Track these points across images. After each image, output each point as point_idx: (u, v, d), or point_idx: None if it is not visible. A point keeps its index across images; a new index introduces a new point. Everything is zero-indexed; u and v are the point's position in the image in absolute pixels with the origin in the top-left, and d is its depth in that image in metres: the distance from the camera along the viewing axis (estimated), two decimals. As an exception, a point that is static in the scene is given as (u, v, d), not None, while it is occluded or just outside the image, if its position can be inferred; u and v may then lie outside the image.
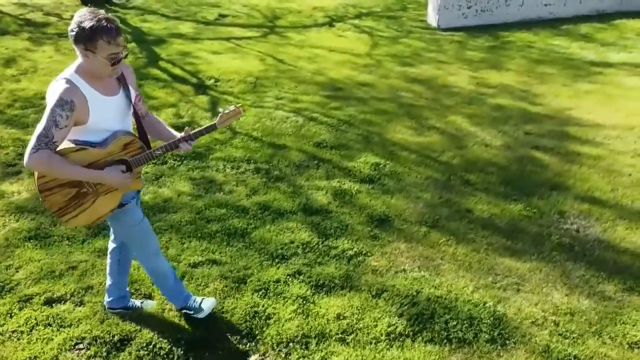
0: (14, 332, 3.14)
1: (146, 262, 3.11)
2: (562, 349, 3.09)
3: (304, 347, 3.08)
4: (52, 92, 2.50)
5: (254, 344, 3.11)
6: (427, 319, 3.29)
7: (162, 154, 2.80)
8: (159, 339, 3.09)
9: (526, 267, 3.78)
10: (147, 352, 3.02)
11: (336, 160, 5.19)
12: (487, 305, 3.41)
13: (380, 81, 7.41)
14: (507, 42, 9.29)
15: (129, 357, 2.99)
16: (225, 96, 6.71)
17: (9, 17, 10.17)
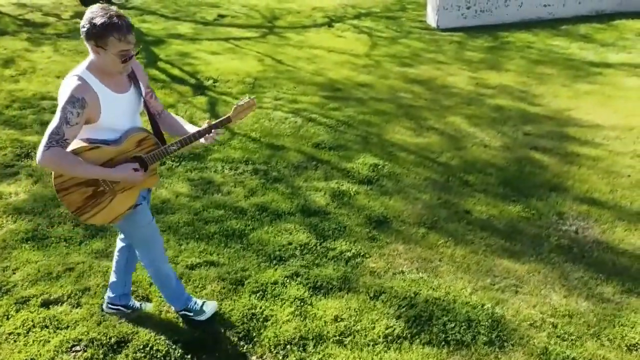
0: (10, 334, 3.13)
1: (150, 263, 3.08)
2: (560, 351, 3.09)
3: (301, 349, 3.07)
4: (64, 89, 2.48)
5: (251, 346, 3.10)
6: (425, 320, 3.28)
7: (177, 149, 2.75)
8: (156, 341, 3.08)
9: (525, 269, 3.77)
10: (144, 354, 3.01)
11: (335, 161, 5.18)
12: (485, 307, 3.40)
13: (379, 82, 7.41)
14: (507, 43, 9.28)
15: (125, 359, 2.98)
16: (223, 97, 6.71)
17: (7, 17, 10.17)
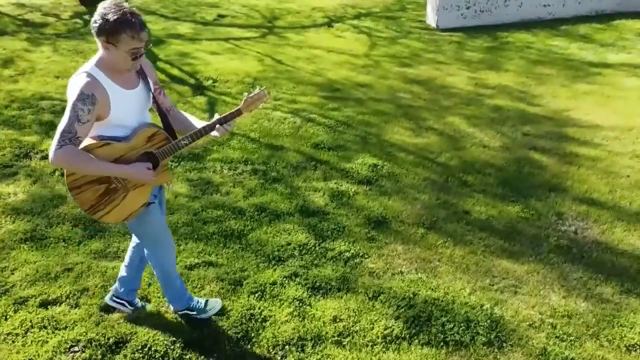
0: (8, 334, 3.12)
1: (158, 263, 3.08)
2: (559, 351, 3.08)
3: (300, 349, 3.07)
4: (73, 86, 2.47)
5: (249, 346, 3.09)
6: (423, 321, 3.28)
7: (188, 143, 2.74)
8: (154, 341, 3.08)
9: (524, 269, 3.77)
10: (142, 355, 3.00)
11: (334, 161, 5.18)
12: (484, 307, 3.40)
13: (378, 82, 7.40)
14: (506, 43, 9.28)
15: (124, 359, 2.98)
16: (223, 97, 6.70)
17: (7, 17, 10.16)
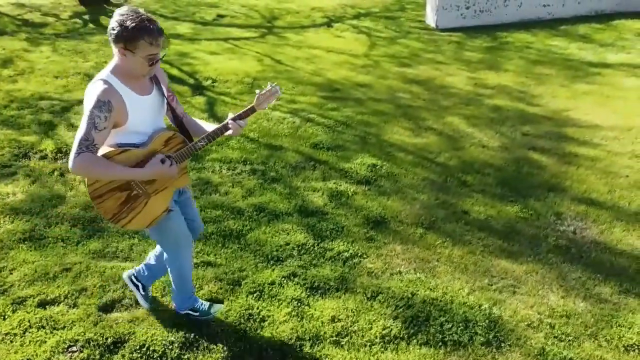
0: (7, 334, 3.12)
1: (177, 266, 3.08)
2: (557, 351, 3.08)
3: (298, 349, 3.07)
4: (90, 94, 2.49)
5: (248, 346, 3.09)
6: (422, 321, 3.28)
7: (205, 144, 2.79)
8: (152, 341, 3.08)
9: (522, 269, 3.77)
10: (140, 355, 3.00)
11: (333, 161, 5.18)
12: (482, 307, 3.39)
13: (378, 82, 7.40)
14: (506, 43, 9.28)
15: (122, 359, 2.98)
16: (222, 97, 6.70)
17: (6, 17, 10.16)
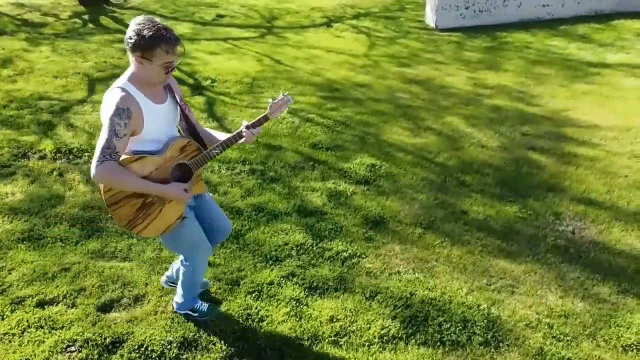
0: (5, 334, 3.12)
1: (190, 269, 3.08)
2: (555, 351, 3.08)
3: (296, 349, 3.07)
4: (108, 102, 2.52)
5: (246, 346, 3.09)
6: (420, 321, 3.28)
7: (220, 152, 2.81)
8: (150, 341, 3.08)
9: (521, 269, 3.77)
10: (138, 355, 3.00)
11: (332, 161, 5.18)
12: (481, 307, 3.40)
13: (377, 82, 7.40)
14: (505, 43, 9.28)
15: (120, 359, 2.98)
16: (221, 97, 6.70)
17: (6, 17, 10.16)
